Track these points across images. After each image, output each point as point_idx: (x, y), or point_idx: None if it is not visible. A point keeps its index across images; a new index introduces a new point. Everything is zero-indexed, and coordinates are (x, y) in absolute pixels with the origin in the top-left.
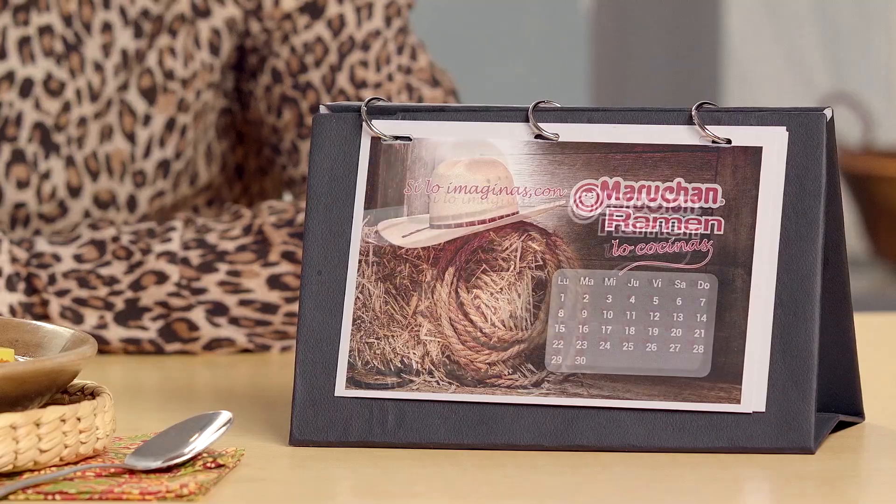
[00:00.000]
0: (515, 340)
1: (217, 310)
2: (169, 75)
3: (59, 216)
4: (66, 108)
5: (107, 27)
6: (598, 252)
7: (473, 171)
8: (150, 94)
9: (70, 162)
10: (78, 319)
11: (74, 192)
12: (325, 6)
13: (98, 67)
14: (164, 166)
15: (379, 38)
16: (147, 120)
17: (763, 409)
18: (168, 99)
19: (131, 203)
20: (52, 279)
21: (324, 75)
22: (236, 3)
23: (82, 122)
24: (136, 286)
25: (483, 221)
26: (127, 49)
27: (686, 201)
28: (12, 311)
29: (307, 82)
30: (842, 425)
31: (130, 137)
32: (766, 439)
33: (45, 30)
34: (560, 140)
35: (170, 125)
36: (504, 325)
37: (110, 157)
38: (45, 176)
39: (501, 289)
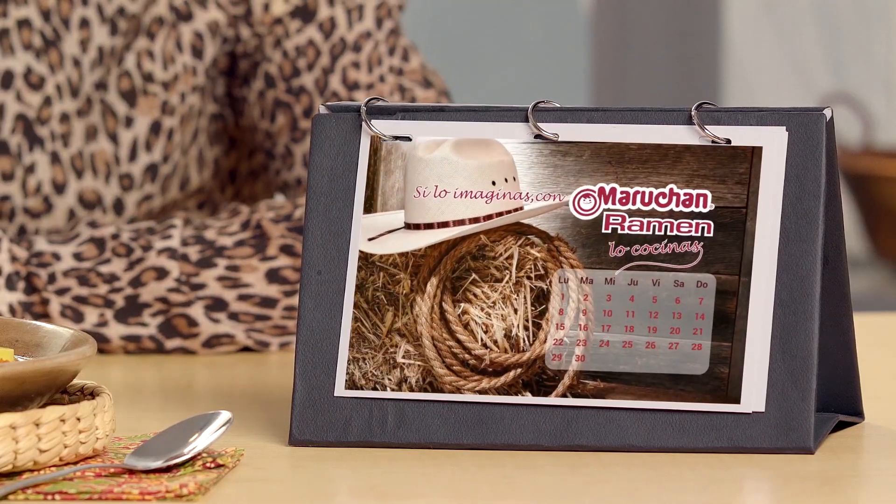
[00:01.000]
0: (511, 364)
1: (216, 305)
2: (148, 78)
3: (45, 212)
4: (48, 102)
5: (85, 23)
6: (601, 252)
7: (463, 154)
8: (129, 97)
9: (55, 158)
10: (78, 318)
11: (59, 188)
12: (316, 9)
13: (77, 63)
14: (151, 170)
15: (370, 39)
16: (129, 122)
17: (763, 410)
18: (150, 102)
19: (118, 206)
20: (51, 278)
21: (316, 78)
22: (219, 7)
23: (65, 118)
24: (136, 283)
25: (476, 220)
26: (103, 46)
27: (681, 204)
28: (12, 311)
29: (300, 86)
30: (841, 425)
31: (113, 138)
32: (766, 439)
33: (24, 23)
34: (560, 140)
35: (155, 128)
36: (498, 346)
37: (94, 157)
38: (30, 169)
39: (495, 303)
